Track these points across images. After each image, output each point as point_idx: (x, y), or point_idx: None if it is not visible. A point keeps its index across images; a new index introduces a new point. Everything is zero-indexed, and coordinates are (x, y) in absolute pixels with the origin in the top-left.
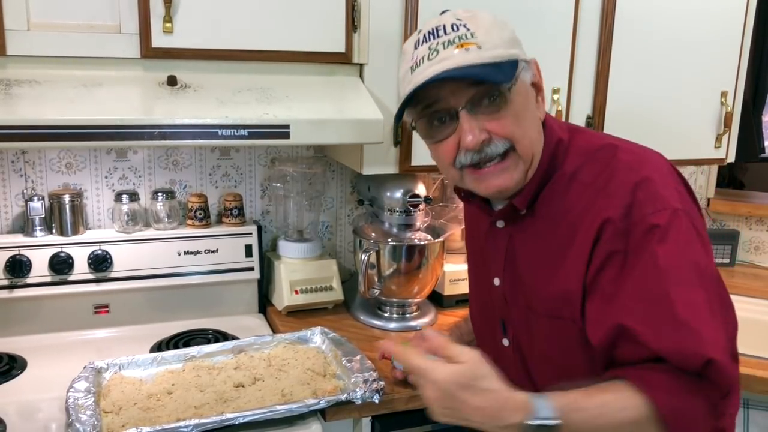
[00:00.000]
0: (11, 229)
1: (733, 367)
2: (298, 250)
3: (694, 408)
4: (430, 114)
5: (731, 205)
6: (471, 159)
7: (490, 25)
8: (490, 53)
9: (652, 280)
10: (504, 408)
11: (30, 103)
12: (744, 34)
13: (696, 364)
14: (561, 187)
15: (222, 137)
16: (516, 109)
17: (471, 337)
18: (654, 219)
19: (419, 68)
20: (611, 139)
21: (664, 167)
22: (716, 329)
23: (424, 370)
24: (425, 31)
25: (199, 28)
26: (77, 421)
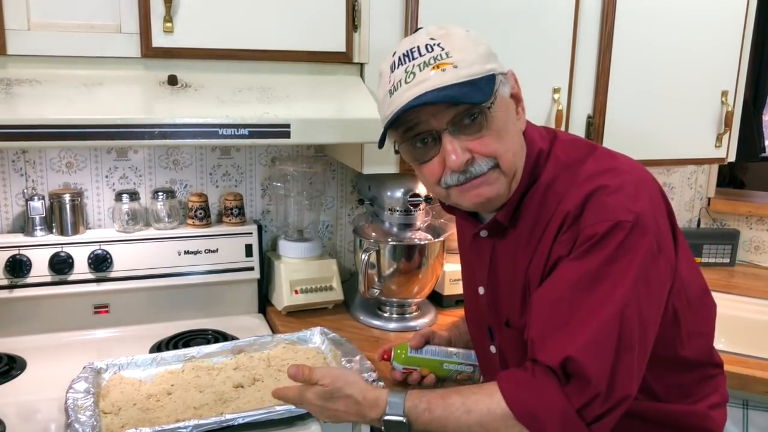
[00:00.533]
0: (11, 228)
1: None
2: (298, 249)
3: (551, 409)
4: (413, 137)
5: (731, 205)
6: (457, 179)
7: (464, 42)
8: (467, 71)
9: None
10: (361, 407)
11: (30, 102)
12: (744, 34)
13: (555, 360)
14: (537, 198)
15: (222, 136)
16: (497, 125)
17: (470, 336)
18: (593, 229)
19: (397, 92)
20: (587, 147)
21: (628, 176)
22: (587, 333)
23: (298, 398)
24: (400, 53)
25: (199, 27)
26: (76, 421)
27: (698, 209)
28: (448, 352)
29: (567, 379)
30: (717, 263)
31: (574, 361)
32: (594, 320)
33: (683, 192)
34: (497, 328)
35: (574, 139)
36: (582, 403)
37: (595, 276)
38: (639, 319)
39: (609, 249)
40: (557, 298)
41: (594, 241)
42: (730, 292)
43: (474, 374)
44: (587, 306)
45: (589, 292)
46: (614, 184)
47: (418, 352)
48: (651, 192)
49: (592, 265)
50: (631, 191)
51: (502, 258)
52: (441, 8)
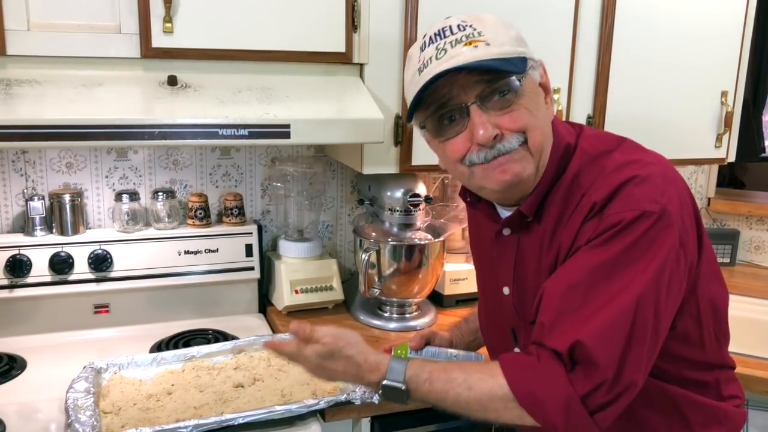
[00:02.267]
0: (11, 228)
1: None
2: (298, 249)
3: (554, 394)
4: (441, 113)
5: (731, 205)
6: (484, 157)
7: (495, 25)
8: (499, 49)
9: (576, 270)
10: (361, 369)
11: (30, 103)
12: (744, 34)
13: (564, 345)
14: (562, 191)
15: (222, 137)
16: (528, 104)
17: (472, 337)
18: (619, 216)
19: (428, 68)
20: (614, 140)
21: (656, 169)
22: (599, 321)
23: (295, 353)
24: (431, 33)
25: (199, 28)
26: (77, 421)
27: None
28: (448, 353)
29: (573, 365)
30: (717, 263)
31: (583, 346)
32: (609, 308)
33: None
34: (523, 328)
35: (601, 133)
36: (587, 390)
37: (615, 264)
38: (654, 312)
39: (631, 238)
40: (574, 284)
41: (618, 229)
42: (731, 292)
43: None
44: (604, 294)
45: (606, 281)
46: (643, 175)
47: (418, 353)
48: (679, 187)
49: (613, 253)
50: (659, 183)
51: (529, 255)
52: (441, 8)
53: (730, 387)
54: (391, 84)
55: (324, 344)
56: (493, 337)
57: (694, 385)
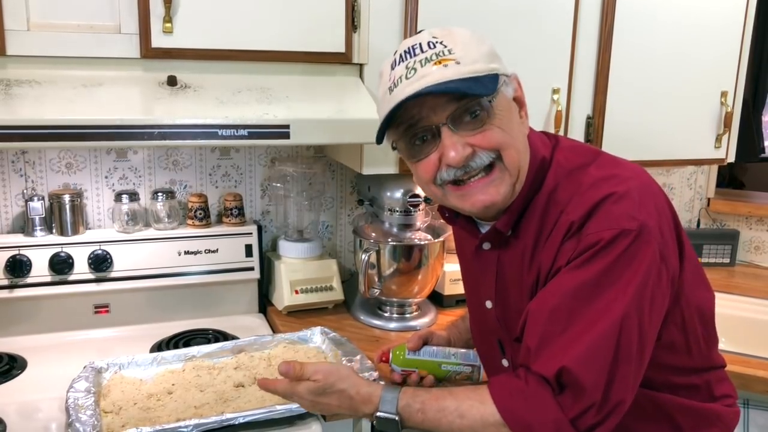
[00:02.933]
0: (11, 229)
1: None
2: (298, 250)
3: (543, 419)
4: (412, 134)
5: (731, 205)
6: (454, 174)
7: (467, 41)
8: (469, 68)
9: (559, 292)
10: (354, 402)
11: (30, 103)
12: (744, 34)
13: (551, 371)
14: (540, 207)
15: (222, 137)
16: (500, 122)
17: (469, 336)
18: (597, 236)
19: (398, 88)
20: (590, 153)
21: (633, 183)
22: (584, 344)
23: (289, 392)
24: (401, 50)
25: (198, 28)
26: (77, 421)
27: (698, 210)
28: (446, 352)
29: (561, 389)
30: (717, 263)
31: (569, 371)
32: (592, 330)
33: (683, 192)
34: (508, 341)
35: (576, 145)
36: (576, 413)
37: (596, 285)
38: (639, 330)
39: (611, 257)
40: (556, 307)
41: (597, 249)
42: (730, 292)
43: (473, 374)
44: (586, 316)
45: (589, 302)
46: (620, 192)
47: (416, 354)
48: (656, 200)
49: (594, 274)
50: (636, 199)
51: (509, 271)
52: (441, 8)
53: (722, 386)
54: None
55: (315, 381)
56: (482, 346)
57: (684, 389)
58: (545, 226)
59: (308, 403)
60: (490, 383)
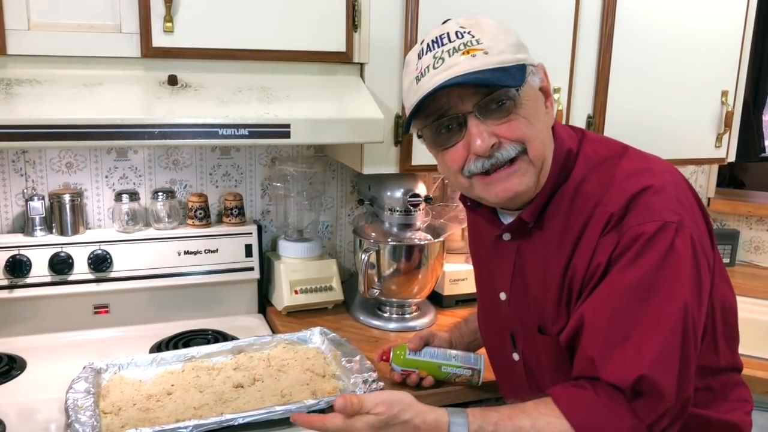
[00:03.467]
0: (11, 228)
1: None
2: (298, 249)
3: (618, 426)
4: (439, 123)
5: (731, 205)
6: (482, 166)
7: (494, 31)
8: (497, 58)
9: (614, 294)
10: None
11: (30, 102)
12: (744, 34)
13: (627, 381)
14: (567, 198)
15: (222, 137)
16: (526, 113)
17: (471, 338)
18: (640, 229)
19: (425, 77)
20: (618, 146)
21: (668, 177)
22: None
23: (343, 428)
24: (428, 40)
25: (199, 27)
26: (76, 421)
27: None
28: (446, 354)
29: (635, 396)
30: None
31: (647, 379)
32: (658, 332)
33: None
34: (522, 334)
35: (603, 139)
36: (654, 418)
37: (650, 283)
38: (695, 323)
39: (659, 252)
40: (614, 311)
41: (642, 244)
42: None
43: (473, 377)
44: (648, 317)
45: (647, 301)
46: (657, 185)
47: (417, 354)
48: (689, 194)
49: (645, 271)
50: (673, 193)
51: (531, 262)
52: (441, 8)
53: (737, 392)
54: (392, 84)
55: (377, 414)
56: (492, 341)
57: (701, 392)
58: (573, 218)
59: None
60: (556, 397)
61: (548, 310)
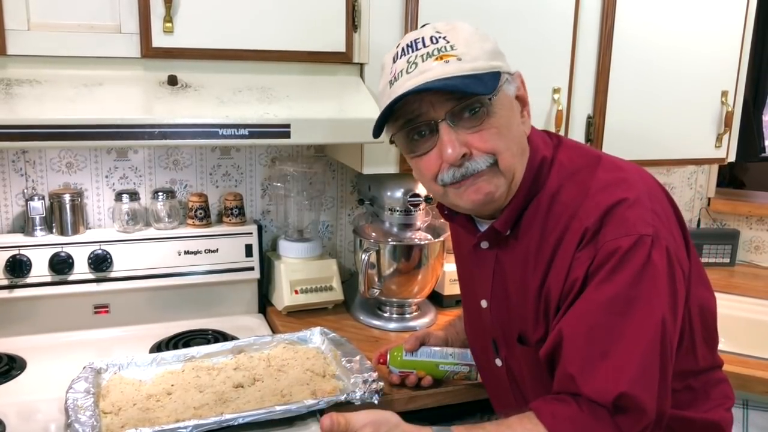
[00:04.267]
0: (11, 228)
1: (656, 402)
2: (298, 249)
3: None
4: (410, 128)
5: (732, 205)
6: (453, 176)
7: (470, 37)
8: (471, 65)
9: (592, 310)
10: None
11: (30, 102)
12: (744, 34)
13: (608, 397)
14: (542, 209)
15: (222, 137)
16: (498, 122)
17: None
18: (616, 243)
19: (398, 81)
20: (593, 155)
21: (642, 187)
22: (635, 363)
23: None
24: (404, 44)
25: (199, 27)
26: (76, 421)
27: (698, 209)
28: (443, 352)
29: (617, 412)
30: (717, 263)
31: (628, 396)
32: (637, 347)
33: (683, 192)
34: (504, 341)
35: (578, 146)
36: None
37: (628, 298)
38: (671, 336)
39: (635, 267)
40: (592, 326)
41: (618, 258)
42: (730, 292)
43: (470, 373)
44: (627, 332)
45: (625, 316)
46: (631, 198)
47: (413, 355)
48: (663, 202)
49: (621, 286)
50: (648, 204)
51: (510, 271)
52: (441, 8)
53: (718, 389)
54: None
55: None
56: (476, 346)
57: (682, 393)
58: (550, 228)
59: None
60: (540, 412)
61: (527, 320)
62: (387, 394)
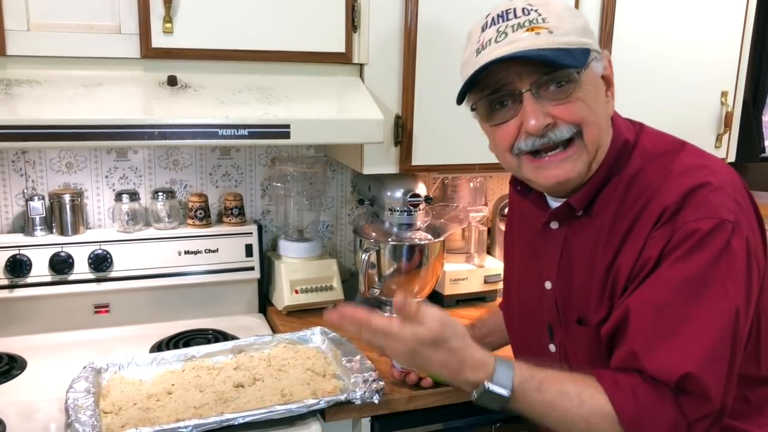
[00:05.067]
0: (11, 228)
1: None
2: (298, 249)
3: (659, 419)
4: (493, 98)
5: None
6: (532, 144)
7: (562, 12)
8: (562, 39)
9: (664, 288)
10: (464, 365)
11: (30, 103)
12: (744, 34)
13: (673, 376)
14: (620, 189)
15: (222, 137)
16: (586, 96)
17: (501, 334)
18: (696, 225)
19: (485, 50)
20: (677, 142)
21: (726, 175)
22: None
23: (388, 330)
24: (494, 14)
25: (199, 28)
26: (77, 421)
27: None
28: None
29: (680, 393)
30: None
31: (694, 378)
32: (708, 331)
33: None
34: (561, 325)
35: (662, 133)
36: (695, 417)
37: (702, 280)
38: (744, 326)
39: (714, 250)
40: (662, 304)
41: (696, 240)
42: None
43: None
44: (699, 314)
45: (698, 297)
46: (716, 183)
47: None
48: (746, 197)
49: (698, 268)
50: (731, 192)
51: (578, 251)
52: (441, 9)
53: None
54: (391, 84)
55: (429, 329)
56: (525, 333)
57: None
58: (627, 209)
59: (406, 350)
60: (601, 377)
61: (590, 301)
62: (387, 394)
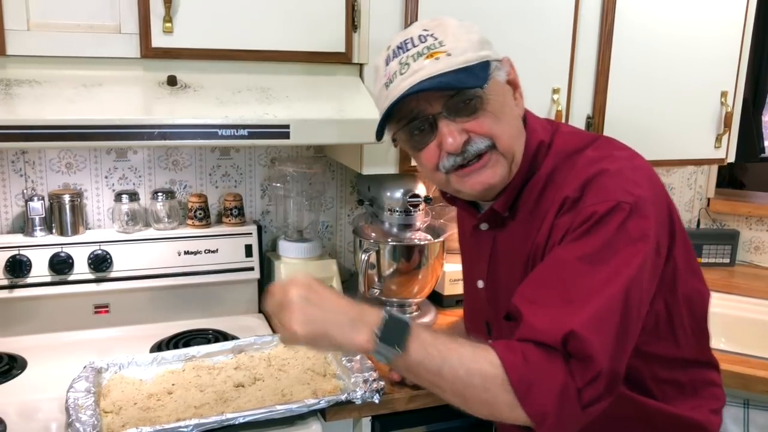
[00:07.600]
0: (11, 229)
1: (609, 354)
2: (298, 250)
3: (549, 382)
4: (411, 126)
5: (731, 205)
6: (454, 161)
7: (456, 31)
8: (460, 58)
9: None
10: (363, 309)
11: (30, 103)
12: (744, 34)
13: (557, 336)
14: (537, 189)
15: (222, 137)
16: (493, 108)
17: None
18: (593, 209)
19: (393, 83)
20: (589, 138)
21: (626, 163)
22: (590, 310)
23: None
24: (394, 46)
25: (199, 28)
26: (77, 421)
27: (698, 210)
28: None
29: (570, 358)
30: (717, 263)
31: (577, 336)
32: (596, 299)
33: (683, 192)
34: (495, 322)
35: (576, 131)
36: (584, 382)
37: (597, 256)
38: (639, 301)
39: (609, 230)
40: (556, 279)
41: (593, 222)
42: (730, 292)
43: None
44: (587, 284)
45: (590, 272)
46: (614, 168)
47: None
48: (651, 179)
49: (593, 246)
50: (630, 175)
51: (503, 250)
52: (440, 8)
53: (708, 389)
54: None
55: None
56: (472, 329)
57: (668, 385)
58: (542, 206)
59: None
60: (495, 345)
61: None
62: (388, 394)
